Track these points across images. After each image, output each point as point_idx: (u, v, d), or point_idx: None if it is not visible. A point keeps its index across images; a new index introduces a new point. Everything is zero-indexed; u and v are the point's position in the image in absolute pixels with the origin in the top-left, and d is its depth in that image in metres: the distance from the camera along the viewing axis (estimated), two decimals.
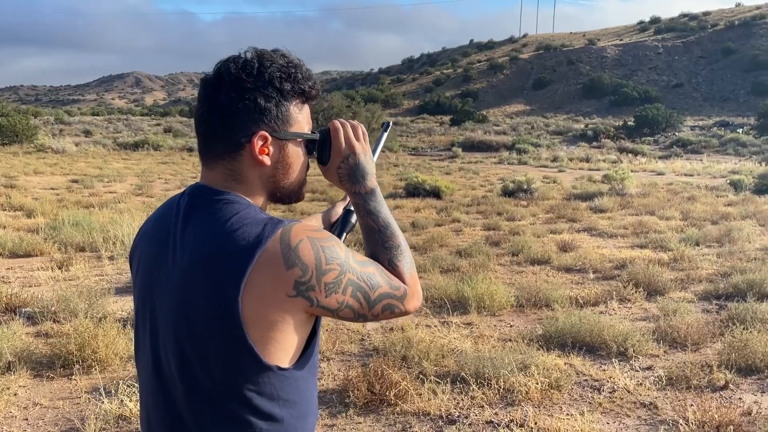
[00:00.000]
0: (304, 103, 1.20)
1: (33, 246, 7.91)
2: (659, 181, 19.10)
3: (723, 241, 9.08)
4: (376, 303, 1.14)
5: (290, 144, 1.18)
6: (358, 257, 1.15)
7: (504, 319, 5.60)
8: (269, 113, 1.13)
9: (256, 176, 1.16)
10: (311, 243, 1.07)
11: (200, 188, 1.17)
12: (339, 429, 3.43)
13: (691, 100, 66.21)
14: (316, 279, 1.06)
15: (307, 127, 1.22)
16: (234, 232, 1.07)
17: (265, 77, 1.12)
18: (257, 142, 1.13)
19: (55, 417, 3.50)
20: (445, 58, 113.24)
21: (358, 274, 1.12)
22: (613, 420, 3.60)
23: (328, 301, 1.08)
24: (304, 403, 1.15)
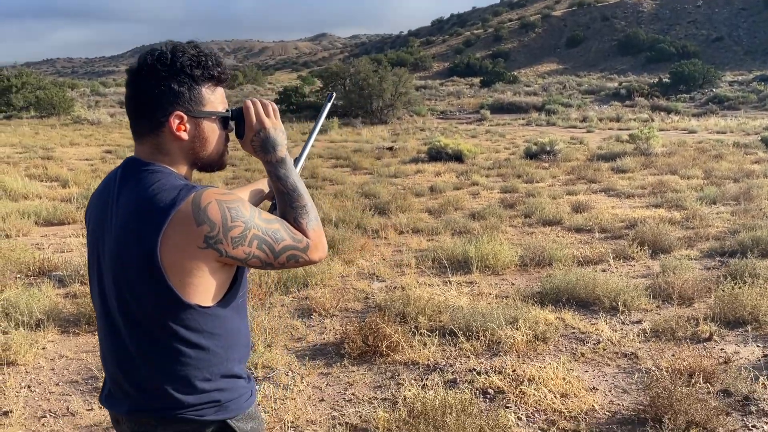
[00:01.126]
0: (216, 85, 1.41)
1: (66, 214, 8.36)
2: (689, 140, 18.77)
3: (740, 200, 9.04)
4: (280, 253, 1.37)
5: (205, 121, 1.39)
6: (265, 215, 1.38)
7: (506, 278, 5.80)
8: (183, 96, 1.35)
9: (177, 149, 1.39)
10: (218, 204, 1.29)
11: (132, 160, 1.41)
12: (334, 377, 3.72)
13: (731, 54, 63.84)
14: (222, 234, 1.29)
15: (221, 106, 1.42)
16: (154, 196, 1.30)
17: (177, 66, 1.34)
18: (174, 120, 1.35)
19: (78, 367, 3.87)
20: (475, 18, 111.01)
21: (263, 229, 1.34)
22: (592, 369, 3.81)
23: (235, 252, 1.31)
24: (229, 335, 1.40)
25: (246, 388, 1.46)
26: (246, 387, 1.46)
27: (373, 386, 3.59)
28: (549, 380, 3.44)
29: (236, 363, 1.43)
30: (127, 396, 1.39)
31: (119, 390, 1.41)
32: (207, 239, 1.28)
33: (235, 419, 1.40)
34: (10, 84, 31.65)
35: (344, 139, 21.35)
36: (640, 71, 59.59)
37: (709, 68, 43.29)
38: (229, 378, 1.41)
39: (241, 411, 1.42)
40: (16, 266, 5.78)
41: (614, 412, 3.25)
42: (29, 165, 13.77)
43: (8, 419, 3.17)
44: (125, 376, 1.39)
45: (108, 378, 1.46)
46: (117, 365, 1.40)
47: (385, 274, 5.85)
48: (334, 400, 3.43)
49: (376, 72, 30.86)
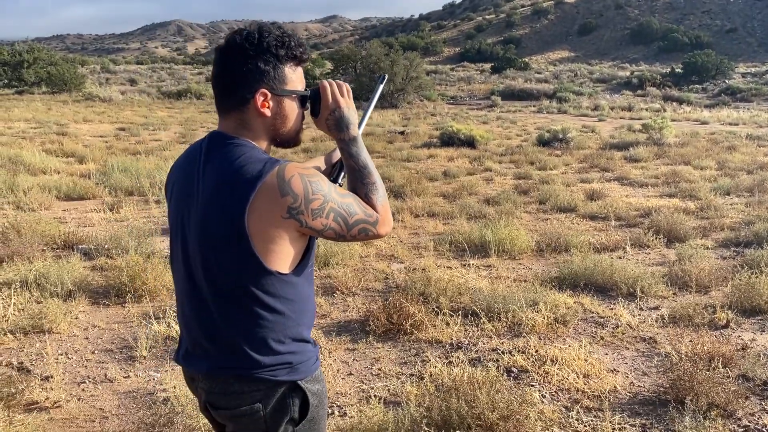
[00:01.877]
0: (297, 65, 1.50)
1: (86, 190, 8.47)
2: (701, 131, 18.71)
3: (754, 191, 9.07)
4: (353, 226, 1.46)
5: (286, 99, 1.48)
6: (340, 191, 1.47)
7: (523, 262, 5.88)
8: (268, 74, 1.44)
9: (260, 125, 1.47)
10: (301, 178, 1.38)
11: (218, 134, 1.49)
12: (359, 352, 3.82)
13: (745, 46, 63.26)
14: (304, 206, 1.38)
15: (300, 86, 1.51)
16: (242, 168, 1.39)
17: (263, 45, 1.42)
18: (259, 97, 1.44)
19: (111, 337, 3.99)
20: (487, 3, 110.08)
21: (339, 203, 1.43)
22: (612, 351, 3.89)
23: (314, 223, 1.40)
24: (301, 301, 1.49)
25: (313, 352, 1.55)
26: (313, 351, 1.55)
27: (398, 362, 3.68)
28: (572, 361, 3.53)
29: (305, 328, 1.52)
30: (207, 355, 1.48)
31: (199, 349, 1.50)
32: (290, 210, 1.37)
33: (304, 380, 1.49)
34: (22, 59, 31.73)
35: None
36: (653, 61, 59.16)
37: (723, 59, 42.98)
38: (299, 342, 1.50)
39: (309, 373, 1.51)
40: (42, 239, 5.89)
41: (635, 393, 3.34)
42: (45, 140, 13.88)
43: (49, 384, 3.28)
44: (207, 336, 1.47)
45: (187, 338, 1.55)
46: (199, 326, 1.49)
47: (403, 256, 5.94)
48: (362, 375, 3.53)
49: (387, 56, 30.78)
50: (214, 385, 1.48)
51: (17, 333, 3.91)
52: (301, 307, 1.50)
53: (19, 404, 3.06)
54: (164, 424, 2.80)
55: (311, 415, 1.52)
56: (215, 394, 1.49)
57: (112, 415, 3.08)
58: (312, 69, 37.36)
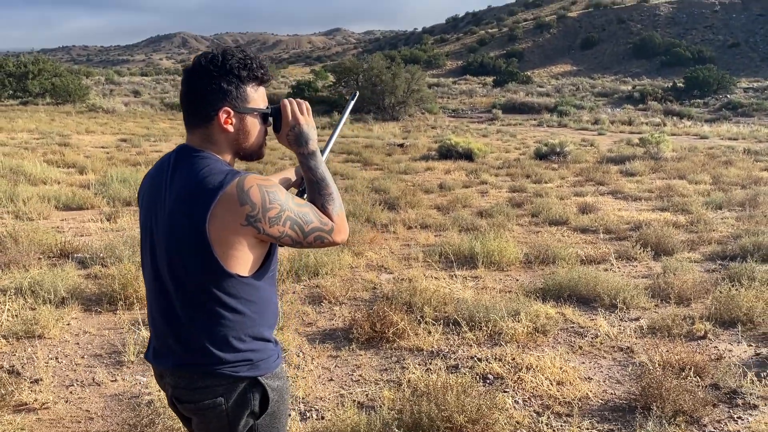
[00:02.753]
0: (258, 85, 1.63)
1: (85, 200, 8.61)
2: (700, 145, 18.83)
3: (746, 206, 9.16)
4: (309, 234, 1.59)
5: (248, 116, 1.61)
6: (297, 200, 1.59)
7: (511, 274, 5.98)
8: (230, 94, 1.57)
9: (223, 139, 1.60)
10: (259, 188, 1.51)
11: (185, 147, 1.63)
12: (342, 359, 3.92)
13: (747, 61, 63.46)
14: (261, 214, 1.50)
15: (262, 104, 1.64)
16: (205, 178, 1.52)
17: (226, 67, 1.56)
18: (222, 115, 1.57)
19: (101, 342, 4.10)
20: (490, 17, 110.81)
21: (295, 212, 1.56)
22: (588, 360, 3.99)
23: (271, 230, 1.52)
24: (261, 302, 1.62)
25: (274, 350, 1.67)
26: (274, 350, 1.67)
27: (379, 369, 3.78)
28: (546, 369, 3.62)
29: (266, 328, 1.65)
30: (172, 353, 1.61)
31: (165, 347, 1.63)
32: (248, 217, 1.49)
33: (264, 377, 1.61)
34: (27, 70, 32.10)
35: (356, 134, 21.55)
36: (655, 75, 59.39)
37: (724, 74, 43.15)
38: (260, 340, 1.62)
39: (270, 370, 1.63)
40: (39, 247, 6.01)
41: (607, 400, 3.43)
42: (47, 151, 14.07)
43: (39, 386, 3.39)
44: (173, 335, 1.60)
45: (155, 337, 1.67)
46: (166, 325, 1.61)
47: (392, 267, 6.04)
48: (342, 380, 3.63)
49: (389, 68, 31.03)
50: (180, 381, 1.60)
51: (10, 338, 4.03)
52: (262, 308, 1.62)
53: (8, 405, 3.17)
54: (146, 425, 2.90)
55: (271, 410, 1.63)
56: (181, 389, 1.61)
57: (98, 416, 3.19)
58: (315, 81, 37.67)
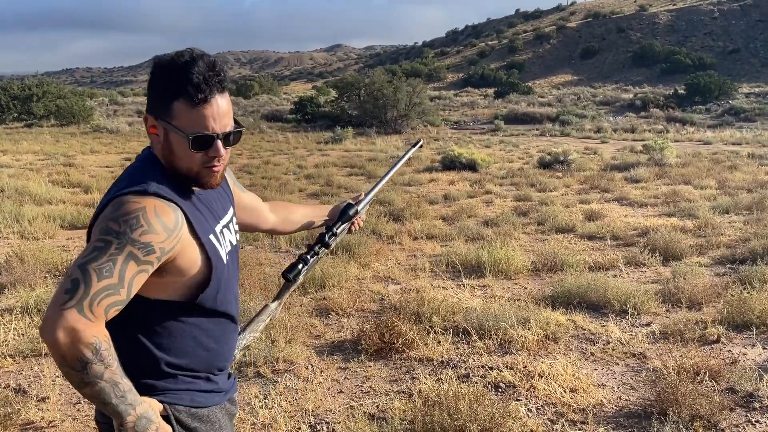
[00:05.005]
0: (189, 105, 1.35)
1: (90, 219, 8.60)
2: (704, 151, 18.77)
3: (753, 209, 9.10)
4: (73, 270, 1.27)
5: (172, 133, 1.37)
6: (129, 271, 1.28)
7: (519, 282, 5.93)
8: (154, 101, 1.38)
9: (155, 146, 1.44)
10: (128, 210, 1.30)
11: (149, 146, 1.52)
12: (351, 371, 3.87)
13: (748, 66, 63.54)
14: (98, 226, 1.32)
15: (195, 128, 1.36)
16: (115, 184, 1.42)
17: (164, 70, 1.36)
18: (146, 119, 1.41)
19: None
20: (489, 29, 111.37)
21: (111, 253, 1.27)
22: (601, 367, 3.93)
23: (92, 234, 1.34)
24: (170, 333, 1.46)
25: (196, 385, 1.48)
26: (196, 384, 1.48)
27: (389, 380, 3.74)
28: (559, 376, 3.57)
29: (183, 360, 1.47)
30: None
31: None
32: (102, 218, 1.33)
33: (174, 407, 1.43)
34: (31, 93, 32.31)
35: (359, 148, 21.58)
36: (656, 83, 59.45)
37: (725, 80, 43.12)
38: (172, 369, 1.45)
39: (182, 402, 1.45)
40: (45, 266, 6.00)
41: (621, 406, 3.37)
42: (51, 171, 14.12)
43: (45, 405, 3.35)
44: None
45: None
46: None
47: (399, 277, 6.00)
48: (352, 392, 3.58)
49: (390, 82, 31.13)
50: None
51: (16, 357, 4.00)
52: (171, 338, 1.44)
53: (15, 424, 3.13)
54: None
55: None
56: None
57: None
58: (317, 97, 37.81)
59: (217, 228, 1.51)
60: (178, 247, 1.37)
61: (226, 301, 1.51)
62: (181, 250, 1.37)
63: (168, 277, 1.38)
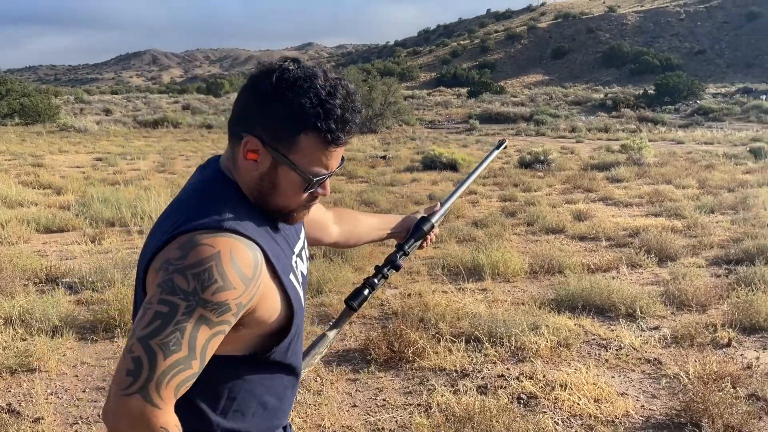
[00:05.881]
0: (320, 141, 1.13)
1: (65, 222, 8.26)
2: (678, 150, 19.01)
3: (738, 209, 9.17)
4: (140, 343, 1.02)
5: (284, 167, 1.14)
6: (203, 332, 1.04)
7: (517, 285, 5.82)
8: (274, 129, 1.12)
9: (245, 173, 1.17)
10: (208, 259, 1.04)
11: (213, 158, 1.26)
12: (362, 383, 3.70)
13: (713, 67, 64.99)
14: (165, 271, 1.05)
15: (316, 167, 1.15)
16: (177, 209, 1.15)
17: (293, 97, 1.10)
18: (247, 143, 1.13)
19: (102, 374, 3.82)
20: (461, 29, 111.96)
21: (180, 322, 1.02)
22: (618, 374, 3.83)
23: (150, 288, 1.07)
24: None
25: None
26: None
27: (403, 392, 3.58)
28: (581, 385, 3.45)
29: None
30: None
31: None
32: (164, 262, 1.07)
33: None
34: None
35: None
36: (625, 83, 60.40)
37: (693, 80, 44.00)
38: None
39: None
40: (24, 273, 5.70)
41: (647, 416, 3.27)
42: (20, 172, 13.61)
43: (40, 426, 3.11)
44: None
45: None
46: None
47: (396, 281, 5.85)
48: (366, 406, 3.41)
49: (365, 81, 30.97)
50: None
51: (4, 372, 3.73)
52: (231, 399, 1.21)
53: None
54: None
55: None
56: None
57: None
58: None
59: (294, 261, 1.26)
60: (258, 296, 1.12)
61: (297, 351, 1.29)
62: (261, 298, 1.13)
63: (243, 330, 1.15)
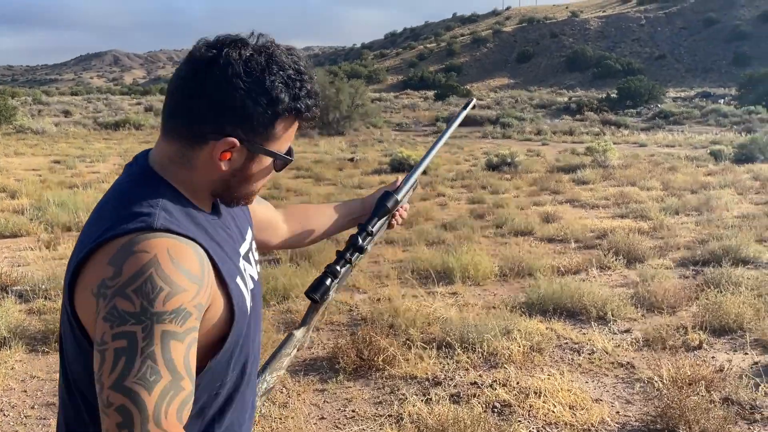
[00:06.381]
0: (294, 121, 1.07)
1: (19, 226, 7.90)
2: (641, 153, 19.31)
3: (702, 210, 9.28)
4: (116, 390, 0.87)
5: (262, 158, 1.06)
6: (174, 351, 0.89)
7: (488, 288, 5.74)
8: (250, 121, 1.01)
9: (207, 172, 1.04)
10: (145, 268, 0.90)
11: (137, 157, 1.13)
12: (330, 393, 3.55)
13: (673, 72, 66.59)
14: (113, 291, 0.89)
15: (287, 145, 1.09)
16: (102, 205, 1.05)
17: (266, 84, 1.00)
18: (221, 146, 1.01)
19: (53, 388, 3.59)
20: (428, 32, 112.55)
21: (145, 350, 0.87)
22: (592, 379, 3.76)
23: (98, 324, 0.90)
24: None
25: None
26: None
27: (373, 402, 3.44)
28: (555, 392, 3.37)
29: None
30: None
31: None
32: (100, 286, 0.91)
33: None
34: None
35: (302, 150, 21.12)
36: (588, 87, 61.42)
37: (654, 84, 44.89)
38: None
39: None
40: None
41: (623, 423, 3.20)
42: None
43: None
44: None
45: None
46: None
47: (365, 286, 5.71)
48: (335, 418, 3.27)
49: (332, 83, 30.76)
50: None
51: None
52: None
53: None
54: None
55: None
56: None
57: None
58: None
59: (240, 264, 1.12)
60: (212, 295, 0.99)
61: (239, 363, 1.11)
62: (212, 301, 0.99)
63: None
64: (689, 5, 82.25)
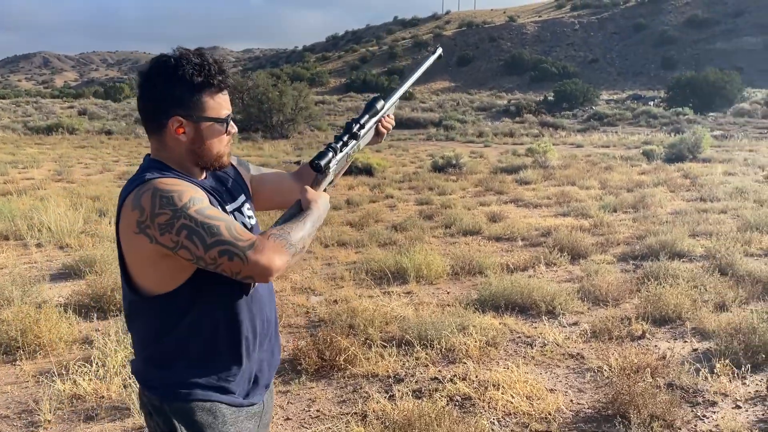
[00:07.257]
0: (217, 92, 1.50)
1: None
2: (578, 153, 19.97)
3: (638, 207, 9.71)
4: (211, 247, 1.35)
5: (204, 125, 1.49)
6: (209, 211, 1.39)
7: (441, 287, 5.87)
8: (182, 101, 1.45)
9: (177, 148, 1.50)
10: (153, 192, 1.37)
11: (145, 157, 1.56)
12: (293, 394, 3.58)
13: (606, 75, 69.06)
14: (150, 220, 1.36)
15: (224, 111, 1.52)
16: (126, 186, 1.47)
17: (178, 73, 1.43)
18: (173, 123, 1.47)
19: (5, 401, 3.49)
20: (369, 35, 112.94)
21: (197, 221, 1.35)
22: (545, 370, 3.92)
23: (163, 239, 1.36)
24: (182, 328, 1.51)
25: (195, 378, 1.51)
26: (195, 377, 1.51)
27: (336, 401, 3.49)
28: (513, 384, 3.50)
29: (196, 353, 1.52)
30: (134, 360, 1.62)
31: None
32: (138, 224, 1.37)
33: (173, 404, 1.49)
34: None
35: (247, 153, 20.89)
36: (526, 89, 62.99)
37: (589, 87, 46.45)
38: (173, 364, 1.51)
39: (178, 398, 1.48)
40: None
41: (577, 411, 3.36)
42: None
43: None
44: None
45: None
46: None
47: (320, 288, 5.74)
48: (300, 418, 3.30)
49: (275, 86, 30.51)
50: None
51: None
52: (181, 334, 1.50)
53: None
54: None
55: None
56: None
57: None
58: None
59: (229, 209, 1.58)
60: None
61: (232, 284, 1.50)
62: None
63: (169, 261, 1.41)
64: (620, 11, 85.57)
